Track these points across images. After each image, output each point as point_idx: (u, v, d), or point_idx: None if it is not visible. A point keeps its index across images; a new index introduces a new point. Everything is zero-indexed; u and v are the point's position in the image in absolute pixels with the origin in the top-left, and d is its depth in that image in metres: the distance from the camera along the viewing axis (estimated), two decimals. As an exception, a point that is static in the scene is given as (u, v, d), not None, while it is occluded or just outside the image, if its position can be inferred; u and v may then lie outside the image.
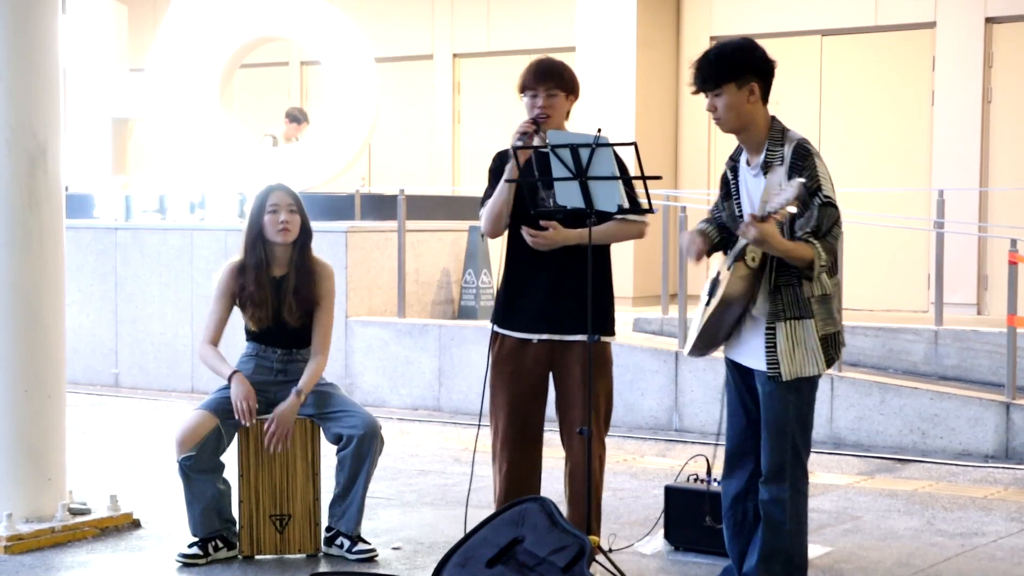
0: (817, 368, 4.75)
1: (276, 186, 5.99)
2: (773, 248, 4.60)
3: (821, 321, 4.74)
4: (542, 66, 5.51)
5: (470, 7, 14.82)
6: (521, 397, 5.54)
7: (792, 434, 4.79)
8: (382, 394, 10.64)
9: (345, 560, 5.84)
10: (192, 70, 12.14)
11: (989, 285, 12.02)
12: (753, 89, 4.74)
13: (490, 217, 5.50)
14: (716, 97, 4.75)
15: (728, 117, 4.77)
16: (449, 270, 11.39)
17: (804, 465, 4.86)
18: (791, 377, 4.73)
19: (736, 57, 4.75)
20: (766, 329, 4.75)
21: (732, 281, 4.71)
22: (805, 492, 4.89)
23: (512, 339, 5.54)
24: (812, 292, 4.73)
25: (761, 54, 4.80)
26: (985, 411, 8.54)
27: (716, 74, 4.73)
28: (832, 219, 4.67)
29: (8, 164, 6.11)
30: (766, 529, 4.85)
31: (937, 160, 12.31)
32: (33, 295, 6.18)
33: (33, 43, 6.14)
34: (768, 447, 4.82)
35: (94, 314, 11.82)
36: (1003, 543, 6.35)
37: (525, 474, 5.60)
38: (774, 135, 4.77)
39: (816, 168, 4.67)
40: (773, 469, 4.81)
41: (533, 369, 5.53)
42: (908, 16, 12.49)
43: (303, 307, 5.89)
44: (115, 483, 7.22)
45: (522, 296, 5.52)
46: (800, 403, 4.80)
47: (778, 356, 4.72)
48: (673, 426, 9.51)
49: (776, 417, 4.78)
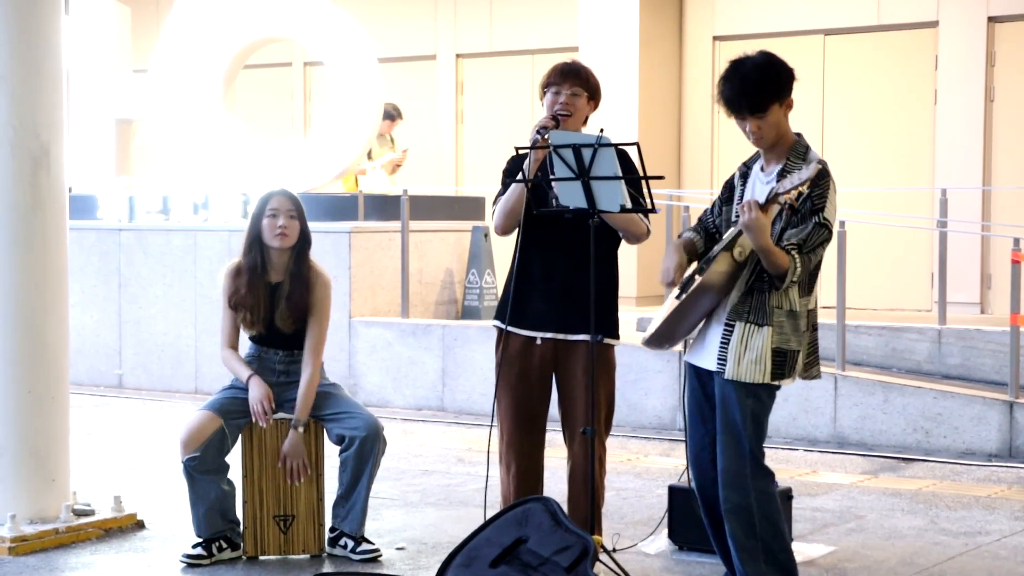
0: (762, 377, 4.70)
1: (278, 191, 5.99)
2: (757, 240, 4.59)
3: (781, 335, 4.70)
4: (569, 65, 5.54)
5: (473, 7, 14.82)
6: (526, 397, 5.55)
7: (748, 438, 4.77)
8: (386, 394, 10.65)
9: (349, 560, 5.85)
10: (195, 71, 12.15)
11: (992, 284, 12.01)
12: (790, 103, 4.74)
13: (503, 213, 5.50)
14: (760, 119, 4.69)
15: (770, 135, 4.73)
16: (452, 270, 11.40)
17: (763, 465, 4.83)
18: (733, 377, 4.71)
19: (777, 75, 4.68)
20: (725, 325, 4.74)
21: (714, 272, 4.70)
22: (772, 491, 4.85)
23: (518, 338, 5.54)
24: (781, 303, 4.71)
25: (789, 66, 4.76)
26: (989, 410, 8.54)
27: (763, 97, 4.65)
28: (821, 239, 4.67)
29: (11, 165, 6.12)
30: (739, 534, 4.81)
31: (940, 159, 12.31)
32: (36, 296, 6.19)
33: (36, 44, 6.15)
34: (724, 450, 4.79)
35: (98, 315, 11.83)
36: (1007, 542, 6.35)
37: (532, 473, 5.60)
38: (798, 148, 4.77)
39: (828, 190, 4.68)
40: (732, 476, 4.78)
41: (538, 369, 5.54)
42: (911, 15, 12.50)
43: (295, 314, 5.88)
44: (119, 484, 7.23)
45: (529, 294, 5.52)
46: (757, 408, 4.77)
47: (728, 353, 4.72)
48: (676, 425, 9.51)
49: (732, 419, 4.76)
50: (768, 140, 4.75)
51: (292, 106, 16.14)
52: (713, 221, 5.00)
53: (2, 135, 6.10)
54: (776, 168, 4.77)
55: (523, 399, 5.55)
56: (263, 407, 5.76)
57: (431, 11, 15.11)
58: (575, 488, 5.52)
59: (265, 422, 5.77)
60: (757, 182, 4.84)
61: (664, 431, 9.49)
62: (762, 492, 4.79)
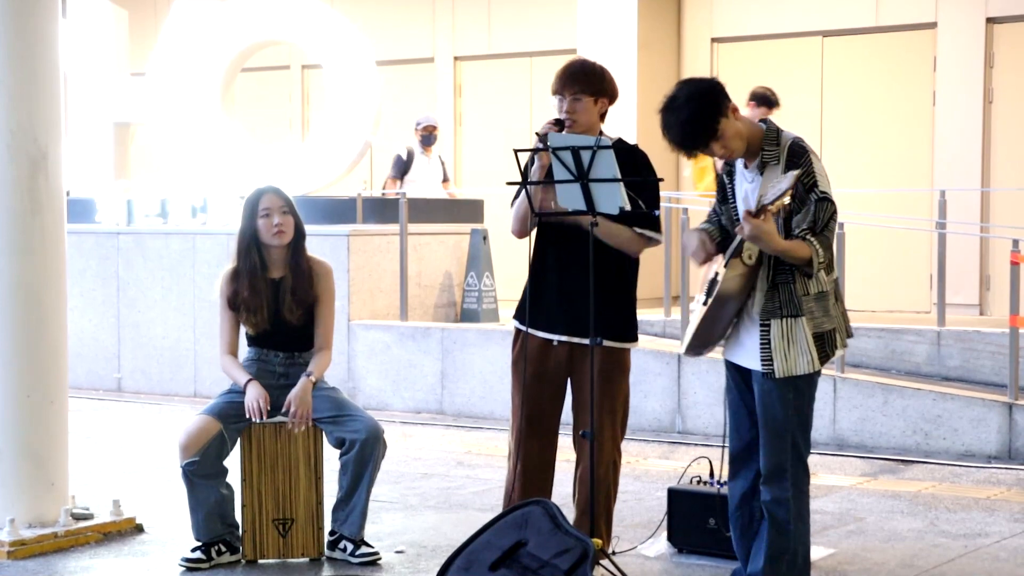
0: (811, 366, 4.74)
1: (266, 189, 5.98)
2: (768, 245, 4.60)
3: (815, 319, 4.73)
4: (569, 69, 5.51)
5: (471, 10, 14.82)
6: (539, 398, 5.54)
7: (791, 433, 4.79)
8: (385, 397, 10.64)
9: (348, 564, 5.84)
10: (193, 74, 12.14)
11: (991, 285, 12.01)
12: (734, 108, 4.76)
13: (515, 218, 5.51)
14: (719, 141, 4.71)
15: (737, 145, 4.76)
16: (451, 273, 11.39)
17: (805, 464, 4.86)
18: (784, 374, 4.73)
19: (706, 99, 4.70)
20: (760, 326, 4.76)
21: (728, 278, 4.72)
22: (807, 491, 4.89)
23: (535, 339, 5.53)
24: (806, 290, 4.73)
25: (709, 79, 4.79)
26: (988, 412, 8.53)
27: (707, 126, 4.67)
28: (828, 213, 4.68)
29: (9, 169, 6.11)
30: (771, 530, 4.85)
31: (939, 161, 12.32)
32: (35, 300, 6.18)
33: (34, 47, 6.14)
34: (767, 447, 4.82)
35: (96, 318, 11.82)
36: (1007, 544, 6.34)
37: (538, 474, 5.60)
38: (769, 136, 4.79)
39: (812, 164, 4.69)
40: (773, 469, 4.81)
41: (554, 371, 5.53)
42: (909, 17, 12.50)
43: (302, 306, 5.89)
44: (118, 488, 7.23)
45: (546, 296, 5.52)
46: (799, 401, 4.80)
47: (772, 353, 4.73)
48: (676, 428, 9.51)
49: (774, 416, 4.78)
50: (739, 149, 4.78)
51: (290, 109, 16.14)
52: (719, 219, 5.05)
53: (0, 139, 6.09)
54: (755, 162, 4.79)
55: (536, 399, 5.54)
56: (259, 405, 5.76)
57: (429, 14, 15.11)
58: (583, 493, 5.49)
59: (257, 417, 5.76)
60: (743, 180, 4.86)
61: (663, 433, 9.48)
62: (800, 491, 4.82)
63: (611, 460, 5.50)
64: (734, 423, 5.02)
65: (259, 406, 5.76)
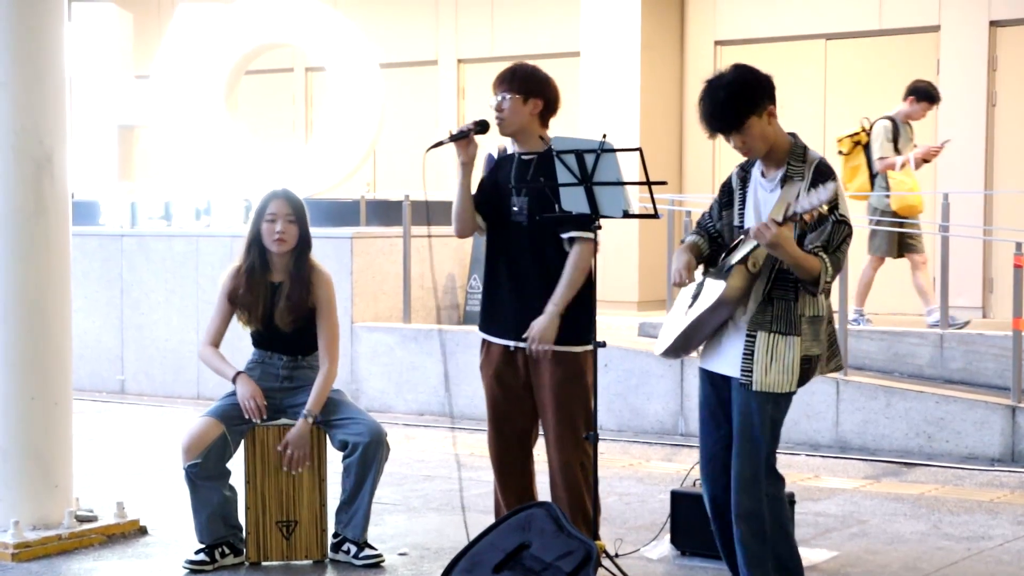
0: (789, 386, 4.70)
1: (279, 193, 5.99)
2: (785, 254, 4.56)
3: (805, 342, 4.71)
4: (503, 71, 5.54)
5: (474, 12, 14.83)
6: (505, 402, 5.59)
7: (765, 443, 4.77)
8: (388, 399, 10.65)
9: (352, 566, 5.85)
10: (197, 77, 12.16)
11: (994, 288, 12.01)
12: (771, 111, 4.72)
13: (452, 216, 5.59)
14: (741, 134, 4.69)
15: (758, 146, 4.72)
16: (454, 275, 11.40)
17: (775, 470, 4.83)
18: (760, 388, 4.69)
19: (749, 89, 4.68)
20: (747, 336, 4.72)
21: (731, 287, 4.69)
22: (782, 496, 4.86)
23: (496, 346, 5.59)
24: (804, 311, 4.71)
25: (763, 75, 4.76)
26: (991, 414, 8.53)
27: (736, 114, 4.65)
28: (843, 235, 4.66)
29: (14, 171, 6.12)
30: (747, 538, 4.81)
31: (941, 163, 12.29)
32: (39, 302, 6.19)
33: (39, 50, 6.16)
34: (742, 454, 4.78)
35: (100, 321, 11.83)
36: (1010, 547, 6.35)
37: (518, 477, 5.65)
38: (796, 151, 4.75)
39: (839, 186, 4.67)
40: (746, 480, 4.77)
41: (515, 376, 5.56)
42: (912, 20, 12.49)
43: (294, 312, 5.89)
44: (122, 490, 7.24)
45: (497, 302, 5.58)
46: (776, 414, 4.78)
47: (753, 364, 4.70)
48: (679, 430, 9.51)
49: (751, 423, 4.75)
50: (758, 151, 4.74)
51: (294, 111, 16.15)
52: (714, 225, 4.98)
53: (5, 141, 6.11)
54: (778, 174, 4.75)
55: (500, 404, 5.61)
56: (255, 404, 5.77)
57: (432, 16, 15.12)
58: (555, 495, 5.52)
59: (257, 418, 5.77)
60: (759, 188, 4.82)
61: (666, 436, 9.48)
62: (773, 497, 4.80)
63: (578, 461, 5.48)
64: (704, 433, 5.00)
65: (255, 405, 5.77)
